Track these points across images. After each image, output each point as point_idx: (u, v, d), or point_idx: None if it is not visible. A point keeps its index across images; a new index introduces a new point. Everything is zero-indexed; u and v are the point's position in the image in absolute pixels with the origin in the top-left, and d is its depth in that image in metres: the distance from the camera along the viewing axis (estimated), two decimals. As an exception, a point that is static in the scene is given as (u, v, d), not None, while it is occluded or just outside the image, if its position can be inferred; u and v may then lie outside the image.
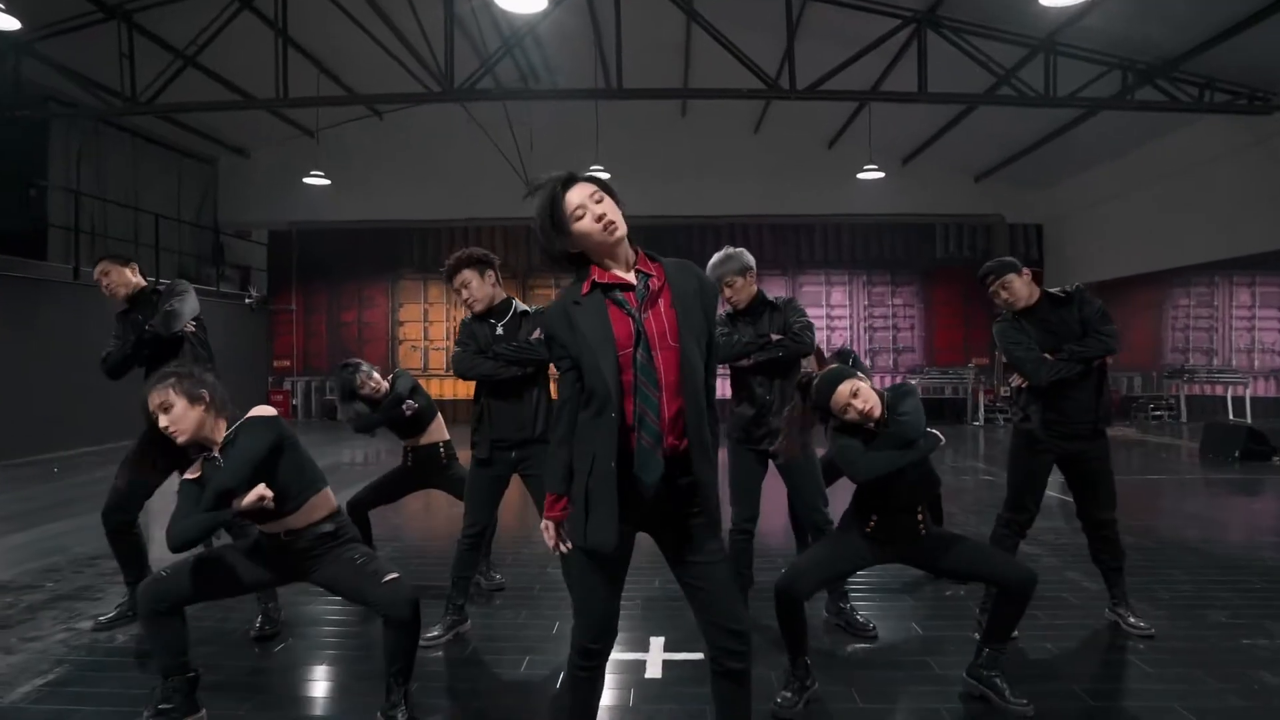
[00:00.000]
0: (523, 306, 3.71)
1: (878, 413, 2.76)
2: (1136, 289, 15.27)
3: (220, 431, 2.69)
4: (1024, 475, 3.69)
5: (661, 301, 2.05)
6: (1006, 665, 2.94)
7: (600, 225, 2.00)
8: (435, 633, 3.56)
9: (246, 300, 15.15)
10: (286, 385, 15.85)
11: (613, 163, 13.01)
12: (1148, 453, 10.87)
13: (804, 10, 9.79)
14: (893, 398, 2.80)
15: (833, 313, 15.81)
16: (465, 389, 16.26)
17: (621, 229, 2.03)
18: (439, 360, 16.09)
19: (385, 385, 4.52)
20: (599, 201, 2.02)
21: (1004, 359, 3.83)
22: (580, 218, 2.02)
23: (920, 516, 2.88)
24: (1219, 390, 14.70)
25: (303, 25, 10.79)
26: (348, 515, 2.89)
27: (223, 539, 3.11)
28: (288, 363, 15.97)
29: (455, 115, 13.43)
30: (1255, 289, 15.61)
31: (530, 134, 13.56)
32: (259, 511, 2.66)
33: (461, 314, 15.57)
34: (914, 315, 16.00)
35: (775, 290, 16.18)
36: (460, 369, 3.61)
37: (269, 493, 2.58)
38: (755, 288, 3.79)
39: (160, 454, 3.00)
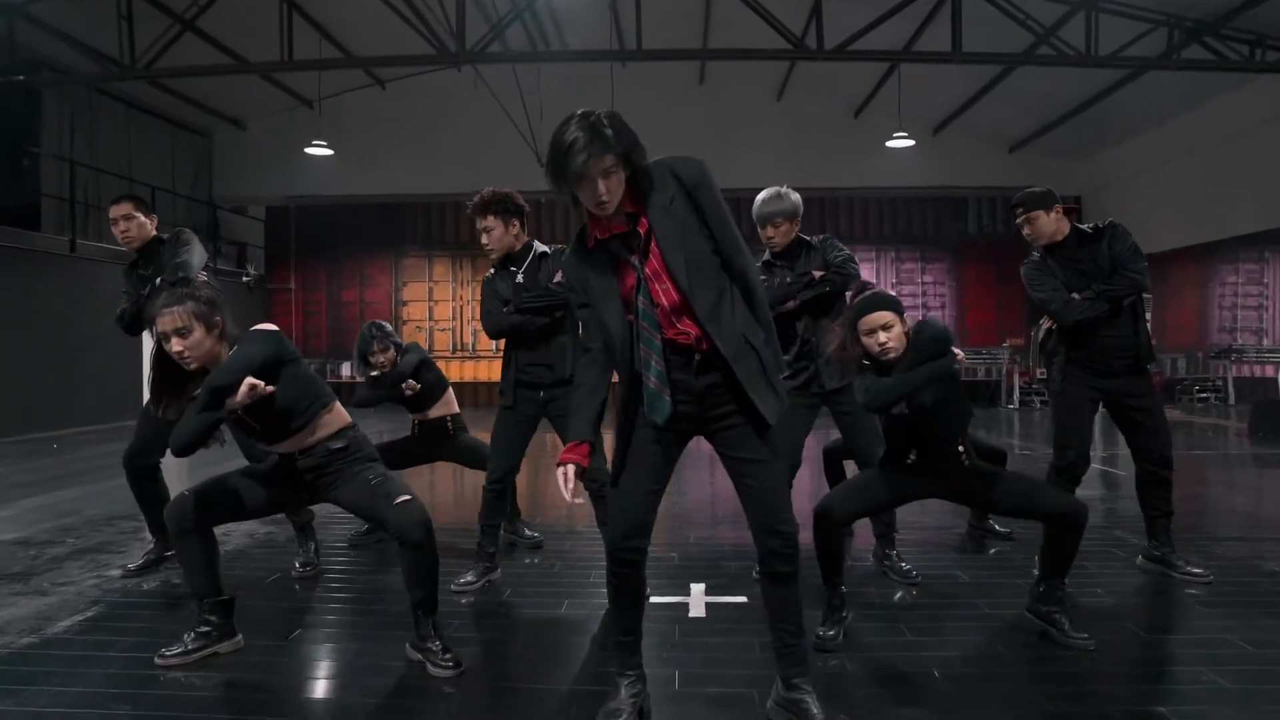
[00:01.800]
0: (541, 248, 3.84)
1: (893, 357, 2.87)
2: (1181, 264, 15.31)
3: (224, 356, 2.80)
4: (1066, 418, 3.81)
5: (653, 240, 2.19)
6: (1065, 601, 3.05)
7: (594, 202, 2.12)
8: (469, 578, 3.71)
9: (244, 279, 15.33)
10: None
11: (628, 131, 13.11)
12: (1194, 432, 10.96)
13: (832, -35, 9.87)
14: (915, 329, 2.92)
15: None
16: (473, 371, 16.41)
17: (611, 206, 2.13)
18: (444, 341, 16.26)
19: (394, 360, 4.64)
20: (608, 177, 2.08)
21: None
22: (583, 184, 2.09)
23: (962, 448, 3.00)
24: (1269, 371, 14.74)
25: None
26: (364, 433, 3.01)
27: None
28: (286, 344, 16.14)
29: (461, 84, 13.55)
30: (1309, 264, 15.63)
31: (540, 104, 13.65)
32: (269, 428, 2.80)
33: (469, 293, 15.65)
34: (944, 294, 16.07)
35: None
36: (489, 327, 3.80)
37: (259, 382, 2.64)
38: (795, 233, 3.92)
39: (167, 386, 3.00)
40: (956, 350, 2.88)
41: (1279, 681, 2.61)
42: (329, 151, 13.66)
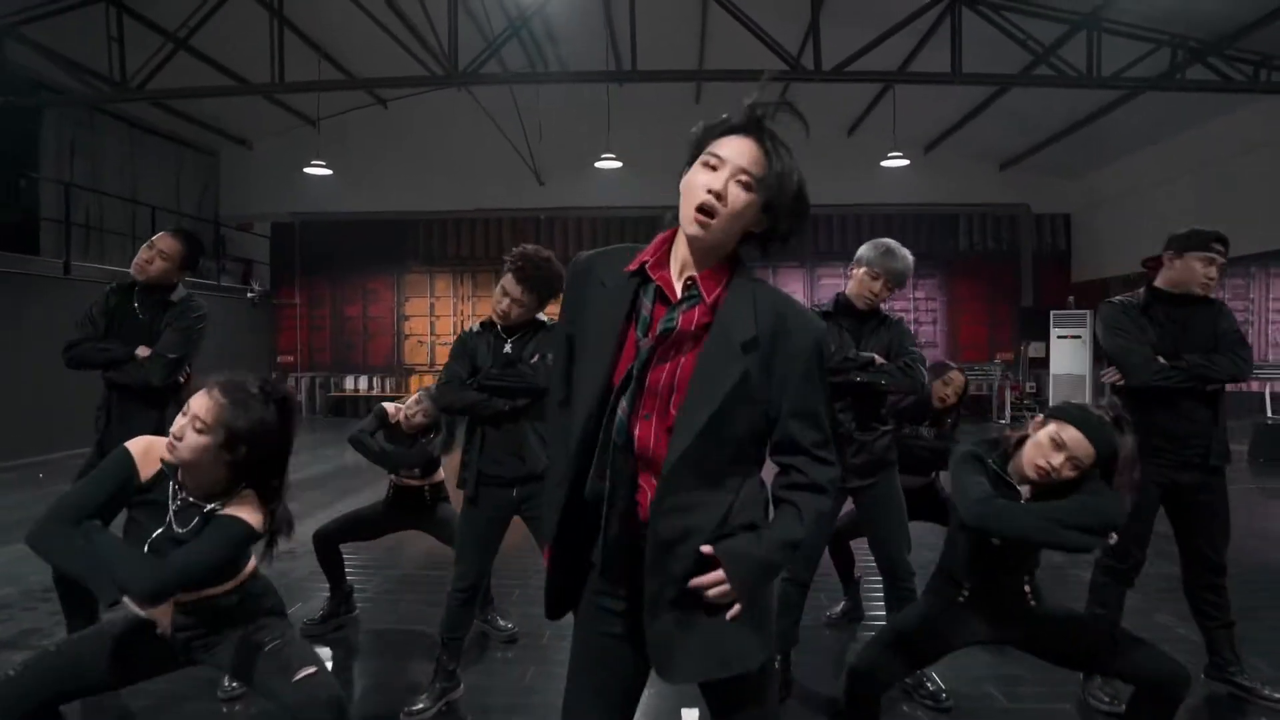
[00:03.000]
0: (543, 318, 3.01)
1: (1042, 485, 2.13)
2: (1168, 281, 14.51)
3: (216, 484, 2.03)
4: (1131, 518, 3.02)
5: (694, 346, 1.40)
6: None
7: (692, 200, 1.38)
8: (421, 705, 2.94)
9: (249, 294, 14.56)
10: (290, 381, 15.27)
11: (624, 151, 12.35)
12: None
13: (829, -14, 9.08)
14: (1092, 471, 2.14)
15: (851, 306, 15.12)
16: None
17: (709, 232, 1.37)
18: (445, 356, 15.47)
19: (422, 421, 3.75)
20: (720, 171, 1.39)
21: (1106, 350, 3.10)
22: (696, 164, 1.42)
23: (1028, 586, 2.25)
24: (1255, 386, 13.92)
25: (301, 7, 10.17)
26: (267, 580, 2.24)
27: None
28: (291, 358, 15.38)
29: (462, 103, 12.78)
30: (1293, 280, 14.82)
31: (539, 123, 12.90)
32: None
33: (469, 308, 14.80)
34: (936, 309, 15.26)
35: (791, 284, 15.48)
36: (439, 398, 2.99)
37: (164, 622, 1.97)
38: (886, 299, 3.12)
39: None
40: (1114, 535, 2.10)
41: None
42: (328, 171, 12.92)
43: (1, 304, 9.58)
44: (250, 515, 2.03)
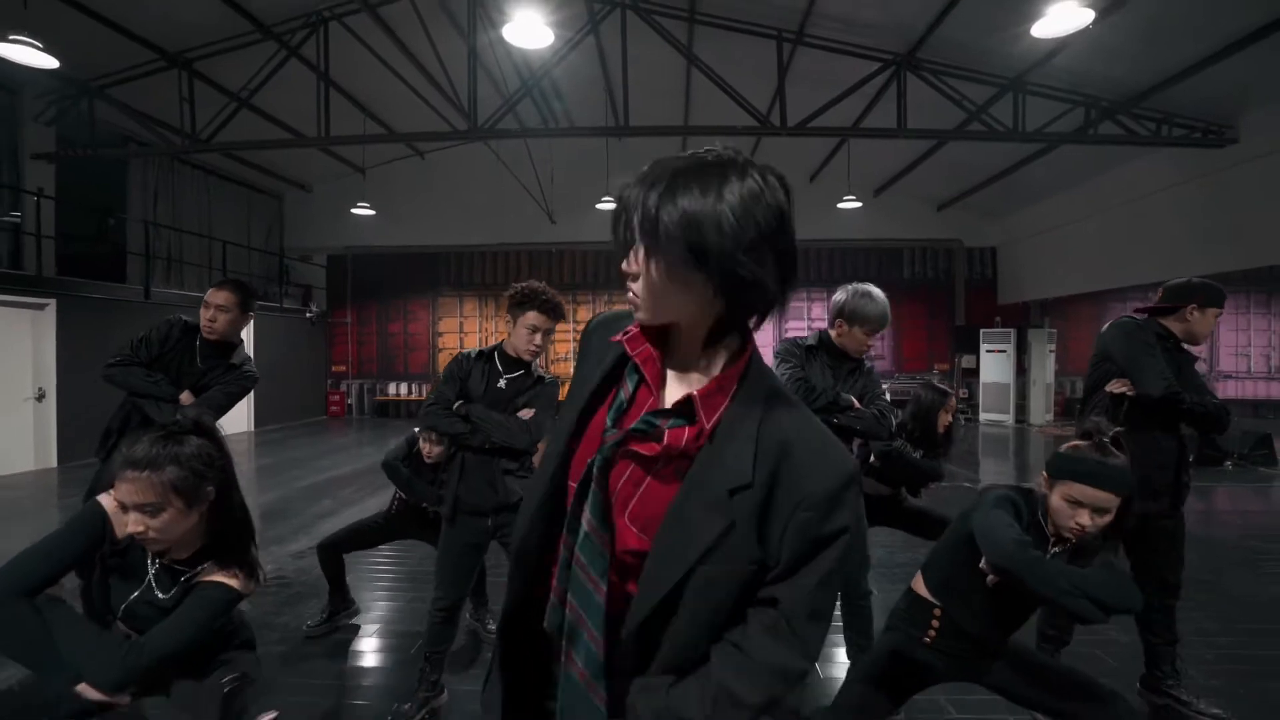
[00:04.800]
0: (540, 372, 2.60)
1: (1072, 542, 1.72)
2: (1078, 303, 14.15)
3: (184, 542, 1.62)
4: None
5: (672, 467, 0.90)
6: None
7: (630, 279, 0.90)
8: (405, 711, 2.55)
9: (307, 315, 14.18)
10: (342, 387, 14.90)
11: (621, 195, 12.01)
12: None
13: (794, 54, 8.74)
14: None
15: (813, 324, 14.70)
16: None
17: (647, 311, 0.90)
18: (473, 366, 15.08)
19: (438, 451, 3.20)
20: (658, 262, 0.87)
21: (1106, 363, 2.67)
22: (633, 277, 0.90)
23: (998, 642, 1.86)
24: (1153, 393, 13.53)
25: (346, 72, 9.82)
26: (241, 614, 1.84)
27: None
28: (344, 367, 14.99)
29: (486, 154, 12.48)
30: (1182, 303, 14.40)
31: (551, 170, 12.58)
32: None
33: (493, 326, 14.38)
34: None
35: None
36: (426, 420, 2.58)
37: (124, 702, 1.52)
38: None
39: None
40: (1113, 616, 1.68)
41: None
42: (371, 212, 12.64)
43: (92, 324, 9.22)
44: (232, 579, 1.64)
